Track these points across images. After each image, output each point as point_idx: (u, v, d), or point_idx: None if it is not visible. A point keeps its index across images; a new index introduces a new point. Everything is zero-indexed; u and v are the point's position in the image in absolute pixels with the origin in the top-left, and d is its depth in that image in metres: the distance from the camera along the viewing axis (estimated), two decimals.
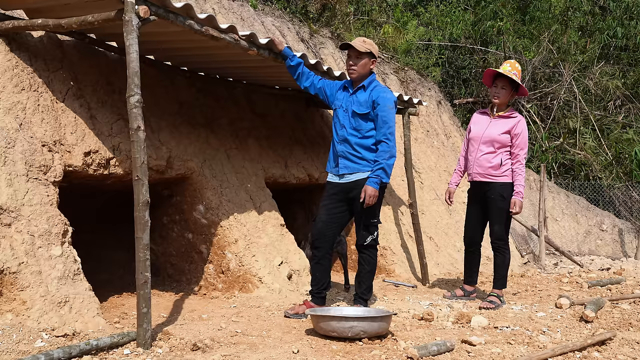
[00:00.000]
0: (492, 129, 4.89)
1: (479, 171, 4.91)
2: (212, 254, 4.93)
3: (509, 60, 5.09)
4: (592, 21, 12.79)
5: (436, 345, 3.34)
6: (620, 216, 11.04)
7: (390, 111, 4.15)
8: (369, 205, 4.07)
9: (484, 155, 4.88)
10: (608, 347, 3.55)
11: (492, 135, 4.86)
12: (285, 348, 3.33)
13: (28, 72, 3.88)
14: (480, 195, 4.98)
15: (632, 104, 12.26)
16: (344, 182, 4.22)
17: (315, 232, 4.28)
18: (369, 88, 4.19)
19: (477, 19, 12.67)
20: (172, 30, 3.75)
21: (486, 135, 4.89)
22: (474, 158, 4.94)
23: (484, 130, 4.91)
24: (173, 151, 4.72)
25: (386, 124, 4.10)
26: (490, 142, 4.87)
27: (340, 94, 4.33)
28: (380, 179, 4.07)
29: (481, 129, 4.95)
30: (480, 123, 5.00)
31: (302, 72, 4.40)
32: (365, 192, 4.04)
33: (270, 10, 8.33)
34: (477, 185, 4.99)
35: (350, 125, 4.19)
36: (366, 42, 4.19)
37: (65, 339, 3.22)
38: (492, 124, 4.92)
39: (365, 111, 4.15)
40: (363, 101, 4.16)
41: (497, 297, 4.89)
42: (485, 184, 4.90)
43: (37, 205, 3.59)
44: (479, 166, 4.91)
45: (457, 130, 9.79)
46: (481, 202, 4.99)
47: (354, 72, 4.21)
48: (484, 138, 4.90)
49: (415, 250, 6.33)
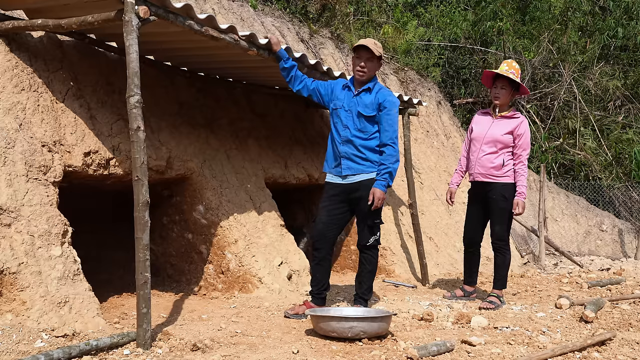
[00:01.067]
0: (494, 130, 4.88)
1: (481, 171, 4.90)
2: (212, 254, 4.93)
3: (507, 60, 5.07)
4: (592, 21, 12.79)
5: (436, 345, 3.34)
6: (620, 216, 11.04)
7: (395, 115, 4.19)
8: (377, 207, 4.11)
9: (486, 155, 4.87)
10: (608, 347, 3.55)
11: (495, 136, 4.85)
12: (285, 348, 3.33)
13: (28, 72, 3.88)
14: (481, 195, 4.97)
15: (632, 104, 12.26)
16: (347, 183, 4.21)
17: (316, 233, 4.27)
18: (374, 90, 4.19)
19: (477, 19, 12.66)
20: (172, 30, 3.75)
21: (489, 136, 4.88)
22: (476, 158, 4.93)
23: (487, 131, 4.91)
24: (173, 151, 4.72)
25: (392, 127, 4.13)
26: (492, 143, 4.86)
27: (341, 94, 4.29)
28: (388, 182, 4.11)
29: (483, 130, 4.94)
30: (482, 123, 5.00)
31: (295, 75, 4.37)
32: (374, 194, 4.07)
33: (270, 10, 8.33)
34: (478, 185, 4.98)
35: (354, 126, 4.17)
36: (377, 45, 4.20)
37: (65, 339, 3.22)
38: (494, 125, 4.91)
39: (371, 113, 4.15)
40: (369, 103, 4.16)
41: (497, 297, 4.89)
42: (486, 184, 4.89)
43: (37, 206, 3.59)
44: (480, 166, 4.90)
45: (457, 131, 9.79)
46: (482, 202, 4.98)
47: (364, 74, 4.18)
48: (487, 138, 4.89)
49: (415, 251, 6.33)
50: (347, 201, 4.24)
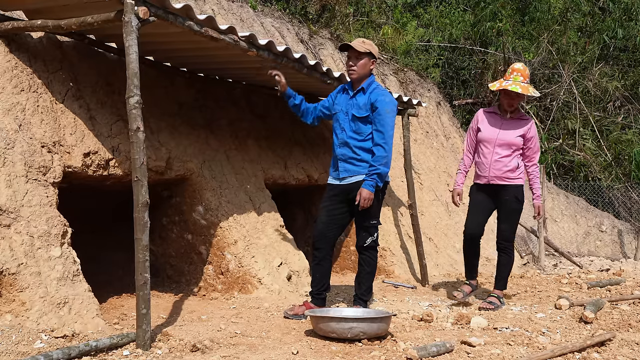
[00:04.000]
0: (507, 132, 4.80)
1: (497, 174, 4.81)
2: (211, 255, 4.93)
3: (515, 68, 4.79)
4: (591, 22, 12.80)
5: (436, 346, 3.34)
6: (620, 217, 11.05)
7: (387, 115, 4.08)
8: (364, 207, 4.08)
9: (501, 158, 4.79)
10: (607, 348, 3.55)
11: (509, 139, 4.78)
12: (285, 349, 3.33)
13: (27, 73, 3.87)
14: (491, 194, 4.89)
15: (632, 104, 12.27)
16: (344, 184, 4.22)
17: (317, 233, 4.27)
18: (368, 90, 4.17)
19: (476, 20, 12.67)
20: (172, 31, 3.75)
21: (502, 139, 4.79)
22: (490, 161, 4.82)
23: (498, 133, 4.81)
24: (172, 152, 4.71)
25: (384, 128, 4.05)
26: (507, 145, 4.78)
27: (340, 97, 4.32)
28: (376, 182, 4.07)
29: (494, 131, 4.83)
30: (491, 124, 4.88)
31: (306, 108, 4.40)
32: (360, 194, 4.04)
33: (270, 11, 8.32)
34: (488, 186, 4.88)
35: (350, 128, 4.18)
36: (365, 43, 4.18)
37: (65, 340, 3.22)
38: (505, 126, 4.82)
39: (364, 114, 4.12)
40: (362, 104, 4.14)
41: (497, 298, 4.87)
42: (499, 187, 4.83)
43: (37, 206, 3.59)
44: (496, 170, 4.80)
45: (456, 131, 9.79)
46: (490, 199, 4.91)
47: (353, 72, 4.18)
48: (499, 141, 4.80)
49: (415, 251, 6.33)
50: (345, 202, 4.24)
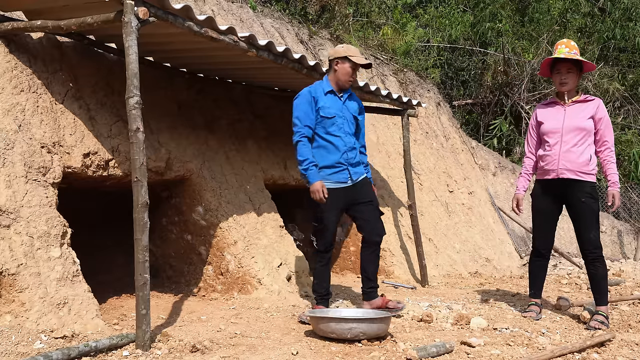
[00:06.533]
0: (573, 117, 4.23)
1: (568, 167, 4.19)
2: (211, 256, 4.92)
3: (562, 40, 4.33)
4: (591, 23, 12.81)
5: (435, 346, 3.34)
6: (619, 218, 11.05)
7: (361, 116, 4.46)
8: None
9: (572, 148, 4.19)
10: (607, 348, 3.55)
11: (577, 124, 4.20)
12: (285, 349, 3.33)
13: (27, 73, 3.87)
14: (559, 195, 4.30)
15: (631, 105, 12.28)
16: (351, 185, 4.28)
17: (329, 239, 4.23)
18: (350, 94, 4.37)
19: (476, 21, 12.68)
20: (172, 31, 3.75)
21: (569, 125, 4.22)
22: (559, 152, 4.22)
23: (563, 120, 4.25)
24: (172, 152, 4.71)
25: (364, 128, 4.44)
26: (576, 131, 4.20)
27: (329, 102, 4.20)
28: None
29: (559, 120, 4.27)
30: (552, 115, 4.33)
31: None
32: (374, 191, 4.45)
33: (270, 11, 8.32)
34: (556, 183, 4.27)
35: (352, 131, 4.32)
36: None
37: (64, 340, 3.22)
38: (570, 112, 4.26)
39: (361, 117, 4.41)
40: (357, 108, 4.38)
41: (604, 316, 4.15)
42: (570, 183, 4.21)
43: (36, 207, 3.59)
44: (567, 161, 4.19)
45: (456, 132, 9.79)
46: (557, 205, 4.36)
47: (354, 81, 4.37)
48: (567, 128, 4.22)
49: (415, 252, 6.33)
50: (344, 204, 4.29)
